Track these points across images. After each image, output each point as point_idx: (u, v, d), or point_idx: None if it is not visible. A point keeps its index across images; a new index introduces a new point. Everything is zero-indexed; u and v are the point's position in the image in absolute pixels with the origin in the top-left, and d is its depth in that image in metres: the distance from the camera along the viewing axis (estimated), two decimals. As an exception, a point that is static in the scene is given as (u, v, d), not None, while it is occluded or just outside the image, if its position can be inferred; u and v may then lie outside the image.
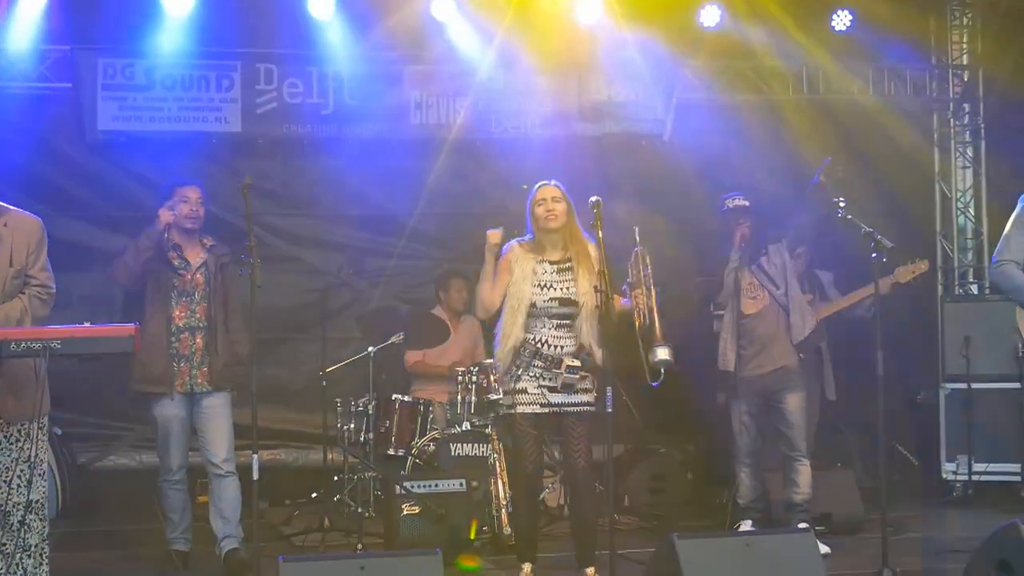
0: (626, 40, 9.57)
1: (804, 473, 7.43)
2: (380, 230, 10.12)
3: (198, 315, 6.76)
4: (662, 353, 5.97)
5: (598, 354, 6.21)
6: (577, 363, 6.15)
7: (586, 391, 6.25)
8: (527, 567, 6.37)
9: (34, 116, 9.03)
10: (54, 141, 9.33)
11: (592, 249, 6.26)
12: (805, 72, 10.20)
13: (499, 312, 6.35)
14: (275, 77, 9.27)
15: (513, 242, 6.41)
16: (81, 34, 8.99)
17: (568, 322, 6.24)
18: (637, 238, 6.18)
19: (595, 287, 5.99)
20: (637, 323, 6.05)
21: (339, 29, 9.22)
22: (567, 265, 6.28)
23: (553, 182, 6.37)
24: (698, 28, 9.67)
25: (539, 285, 6.24)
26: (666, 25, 9.59)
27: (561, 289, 6.23)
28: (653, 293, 6.10)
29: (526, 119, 9.71)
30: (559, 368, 6.16)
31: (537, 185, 6.40)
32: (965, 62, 10.55)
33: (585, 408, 6.25)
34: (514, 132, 9.69)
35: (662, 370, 5.99)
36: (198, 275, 6.79)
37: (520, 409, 6.23)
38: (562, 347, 6.23)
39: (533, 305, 6.21)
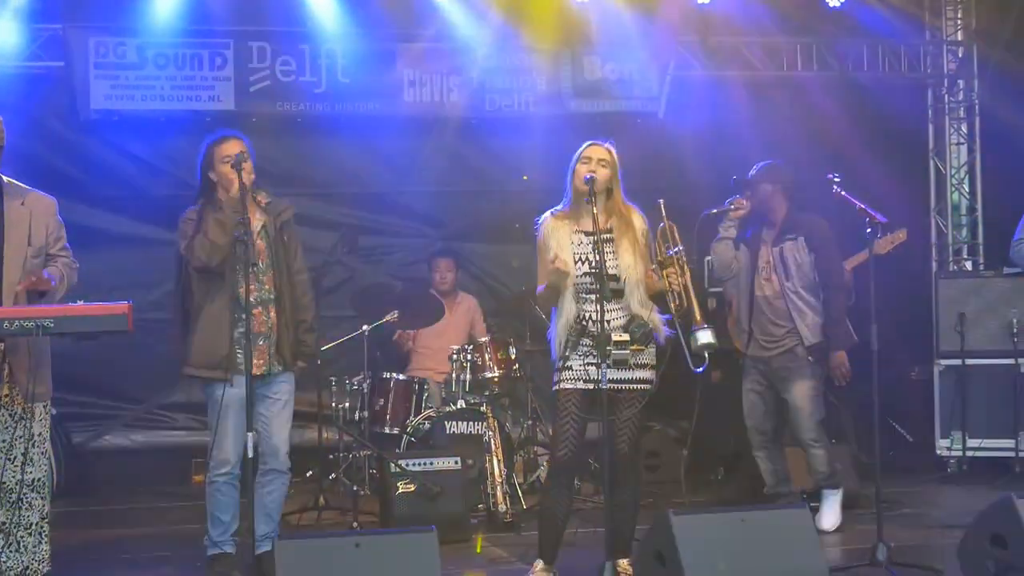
0: (620, 17, 9.56)
1: (819, 457, 7.23)
2: (374, 208, 10.11)
3: (267, 286, 6.01)
4: (704, 337, 5.59)
5: (657, 321, 5.69)
6: (626, 337, 5.58)
7: (643, 367, 5.70)
8: (539, 564, 5.77)
9: (26, 96, 9.00)
10: (47, 121, 9.31)
11: (637, 220, 5.78)
12: (799, 48, 10.18)
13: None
14: (268, 55, 9.25)
15: (546, 214, 5.84)
16: (72, 12, 8.97)
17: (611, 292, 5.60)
18: (663, 212, 5.76)
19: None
20: (673, 305, 5.64)
21: (332, 6, 9.22)
22: (607, 236, 5.65)
23: (605, 144, 5.78)
24: (692, 5, 9.65)
25: (573, 258, 5.67)
26: (660, 2, 9.58)
27: (598, 263, 5.57)
28: (687, 271, 5.69)
29: (520, 97, 9.70)
30: (608, 345, 5.53)
31: (586, 143, 5.79)
32: (960, 37, 10.53)
33: (639, 386, 5.71)
34: (508, 110, 9.68)
35: (706, 354, 5.64)
36: (259, 240, 5.98)
37: (564, 385, 5.68)
38: (609, 321, 5.59)
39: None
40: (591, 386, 5.64)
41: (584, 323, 5.65)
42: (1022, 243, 6.93)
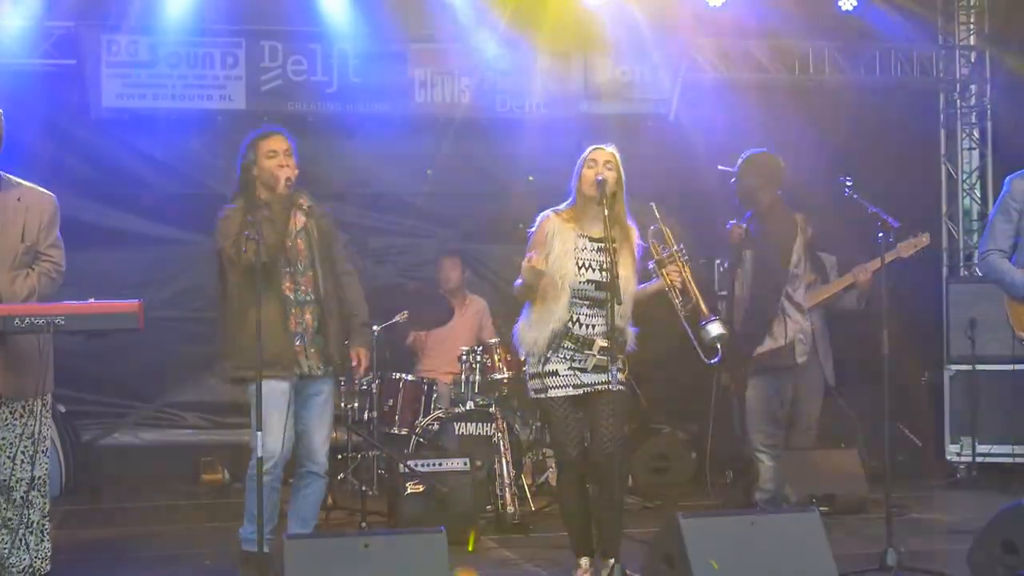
0: (633, 19, 9.55)
1: (761, 470, 6.94)
2: (384, 208, 10.12)
3: (304, 287, 5.87)
4: (715, 329, 5.66)
5: (630, 336, 5.78)
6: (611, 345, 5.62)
7: (618, 371, 5.67)
8: (584, 561, 5.85)
9: (38, 93, 9.01)
10: (58, 118, 9.31)
11: (634, 235, 5.80)
12: (811, 52, 10.17)
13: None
14: (279, 54, 9.26)
15: (548, 211, 5.82)
16: (85, 10, 8.99)
17: (601, 300, 5.65)
18: (657, 215, 5.80)
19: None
20: (677, 303, 5.68)
21: (344, 6, 9.21)
22: (612, 246, 5.61)
23: (610, 147, 5.75)
24: (705, 7, 9.64)
25: (577, 264, 5.69)
26: (673, 4, 9.57)
27: (600, 272, 5.66)
28: (687, 268, 5.72)
29: (531, 98, 9.70)
30: (591, 349, 5.67)
31: (591, 147, 5.78)
32: (972, 42, 10.51)
33: (618, 387, 5.67)
34: (519, 112, 9.68)
35: (719, 346, 5.69)
36: (299, 241, 5.91)
37: (553, 393, 5.73)
38: (594, 326, 5.69)
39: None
40: (580, 391, 5.75)
41: (569, 326, 5.71)
42: (988, 255, 6.58)
